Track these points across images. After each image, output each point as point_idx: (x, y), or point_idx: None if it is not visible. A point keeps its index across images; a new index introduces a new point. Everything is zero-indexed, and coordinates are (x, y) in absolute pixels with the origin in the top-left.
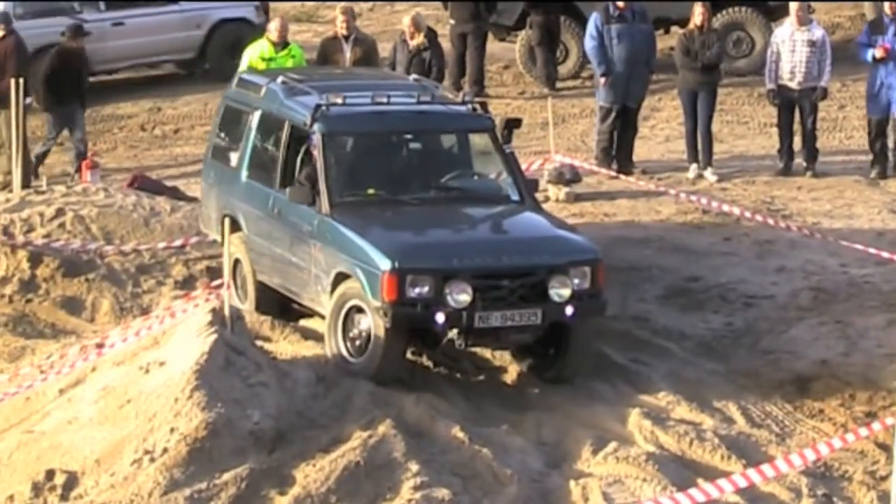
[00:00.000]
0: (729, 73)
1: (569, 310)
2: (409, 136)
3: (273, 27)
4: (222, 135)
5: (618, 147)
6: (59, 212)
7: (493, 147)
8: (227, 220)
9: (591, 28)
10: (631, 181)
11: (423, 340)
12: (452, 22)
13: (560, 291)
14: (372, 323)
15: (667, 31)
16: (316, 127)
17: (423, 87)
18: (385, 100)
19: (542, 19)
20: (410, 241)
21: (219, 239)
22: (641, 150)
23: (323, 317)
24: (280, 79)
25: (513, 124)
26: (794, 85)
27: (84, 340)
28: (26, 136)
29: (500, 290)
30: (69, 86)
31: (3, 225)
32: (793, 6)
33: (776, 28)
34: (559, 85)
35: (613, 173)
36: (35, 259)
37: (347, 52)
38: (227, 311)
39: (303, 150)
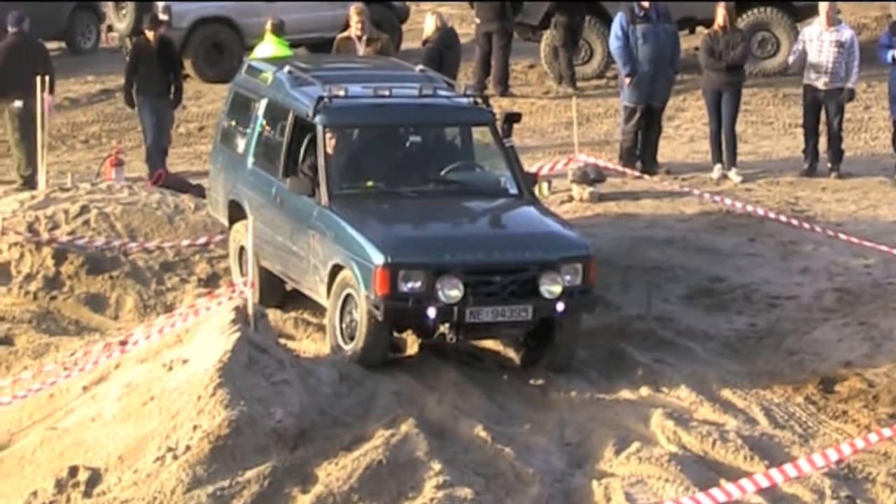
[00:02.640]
0: (754, 74)
1: (559, 306)
2: (409, 129)
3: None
4: (231, 121)
5: (642, 147)
6: (84, 209)
7: (492, 140)
8: (251, 222)
9: (616, 28)
10: (655, 181)
11: (416, 332)
12: (478, 21)
13: (551, 288)
14: (358, 311)
15: (692, 31)
16: (317, 119)
17: (427, 78)
18: (387, 92)
19: (566, 19)
20: (404, 236)
21: (225, 223)
22: (666, 150)
23: (321, 305)
24: (287, 67)
25: (513, 118)
26: (820, 85)
27: (108, 337)
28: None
29: (491, 286)
30: (152, 80)
31: (28, 222)
32: (822, 6)
33: (804, 27)
34: (583, 84)
35: (638, 173)
36: (60, 256)
37: (360, 51)
38: (250, 309)
39: (306, 140)
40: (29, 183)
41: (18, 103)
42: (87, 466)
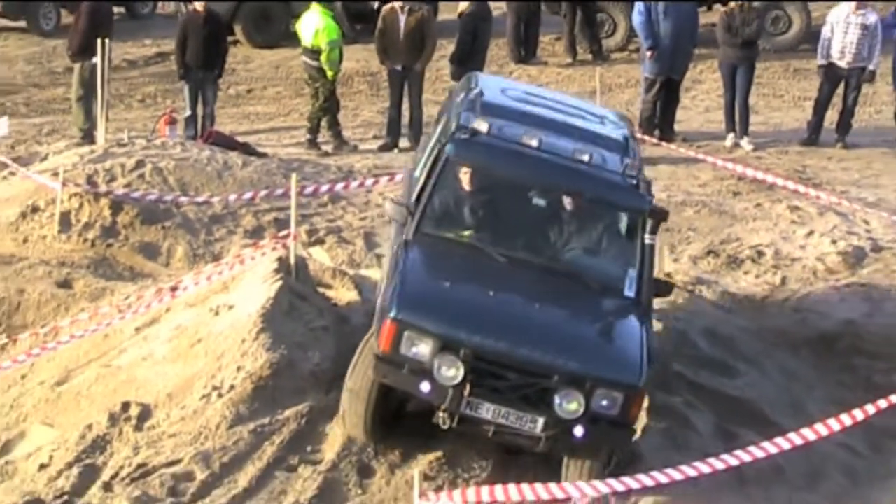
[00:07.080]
0: (767, 50)
1: (578, 430)
2: (541, 191)
3: None
4: (434, 129)
5: (661, 116)
6: (140, 163)
7: (635, 232)
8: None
9: (639, 4)
10: (672, 148)
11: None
12: None
13: (565, 405)
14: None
15: (709, 8)
16: (446, 148)
17: (622, 147)
18: (535, 143)
19: None
20: (431, 295)
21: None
22: (683, 119)
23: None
24: (479, 88)
25: (659, 215)
26: (843, 64)
27: (159, 283)
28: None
29: (501, 381)
30: (196, 52)
31: (88, 174)
32: None
33: (833, 9)
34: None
35: (656, 140)
36: (116, 207)
37: (402, 22)
38: (292, 260)
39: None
40: (88, 137)
41: (96, 60)
42: (139, 402)
